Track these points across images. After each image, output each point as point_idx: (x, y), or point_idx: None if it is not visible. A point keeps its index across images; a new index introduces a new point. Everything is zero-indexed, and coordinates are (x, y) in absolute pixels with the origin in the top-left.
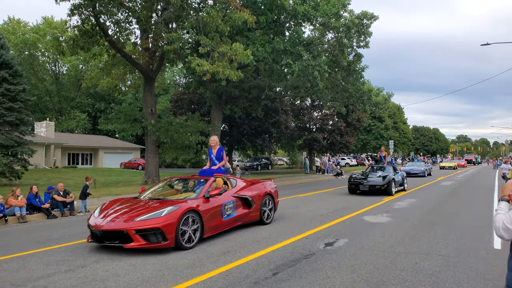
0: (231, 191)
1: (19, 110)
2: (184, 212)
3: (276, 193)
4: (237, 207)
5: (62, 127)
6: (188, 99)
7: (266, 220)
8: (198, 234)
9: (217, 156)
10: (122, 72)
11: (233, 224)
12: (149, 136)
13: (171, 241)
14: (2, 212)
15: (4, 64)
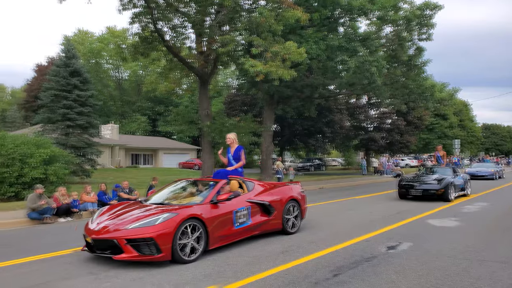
0: (246, 195)
1: (88, 114)
2: (183, 220)
3: (303, 199)
4: (253, 214)
5: (125, 129)
6: (241, 100)
7: (291, 229)
8: (202, 245)
9: (235, 156)
10: (179, 76)
11: (248, 234)
12: (205, 137)
13: (167, 253)
14: (77, 207)
15: (76, 72)
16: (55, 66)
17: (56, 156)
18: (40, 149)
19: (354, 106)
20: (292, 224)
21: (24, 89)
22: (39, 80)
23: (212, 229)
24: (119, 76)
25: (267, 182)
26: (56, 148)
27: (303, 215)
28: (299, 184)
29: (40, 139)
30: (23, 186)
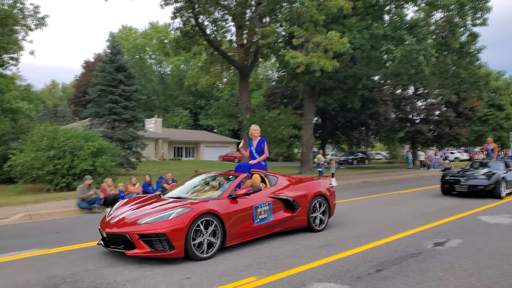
0: (268, 190)
1: (133, 108)
2: (198, 216)
3: (332, 194)
4: (276, 210)
5: (168, 123)
6: (281, 93)
7: (318, 226)
8: (218, 242)
9: (258, 149)
10: (219, 70)
11: (269, 231)
12: (245, 130)
13: (180, 250)
14: (123, 197)
15: (121, 68)
16: (101, 62)
17: (103, 148)
18: (89, 142)
19: (400, 97)
20: (319, 221)
21: (73, 85)
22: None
23: (229, 225)
24: (162, 70)
25: (293, 176)
26: (104, 141)
27: (332, 212)
28: (329, 179)
29: (88, 133)
30: (73, 177)
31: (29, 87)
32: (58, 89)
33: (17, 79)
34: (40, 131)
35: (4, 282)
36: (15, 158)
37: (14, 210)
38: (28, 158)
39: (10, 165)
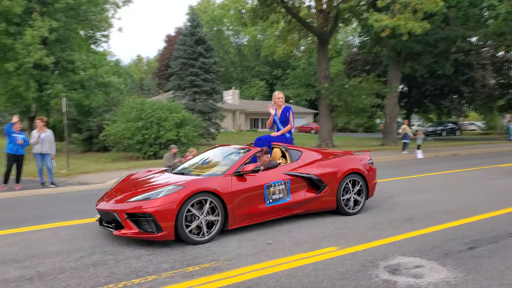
0: (285, 167)
1: (212, 80)
2: (191, 195)
3: (371, 172)
4: (294, 190)
5: (244, 94)
6: (362, 59)
7: (350, 209)
8: (218, 224)
9: (282, 119)
10: (297, 38)
11: (286, 213)
12: (323, 100)
13: (169, 232)
14: None
15: (200, 41)
16: (182, 36)
17: (186, 120)
18: (173, 113)
19: (501, 61)
20: (353, 203)
21: (157, 59)
22: (169, 50)
23: (233, 206)
24: (239, 42)
25: (326, 150)
26: (186, 113)
27: (371, 193)
28: (368, 154)
29: (172, 105)
30: (159, 146)
31: (118, 62)
32: (143, 63)
33: (107, 55)
34: (129, 103)
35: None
36: (109, 129)
37: (110, 176)
38: (120, 129)
39: (105, 135)
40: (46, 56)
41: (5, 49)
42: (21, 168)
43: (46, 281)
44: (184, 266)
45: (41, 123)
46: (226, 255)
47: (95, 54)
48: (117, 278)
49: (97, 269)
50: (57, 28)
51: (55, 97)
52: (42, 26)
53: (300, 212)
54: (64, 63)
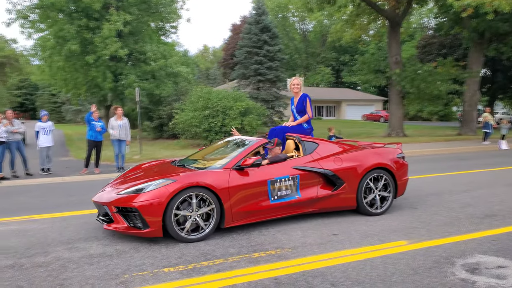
0: (296, 160)
1: (276, 68)
2: (181, 190)
3: (401, 168)
4: (305, 186)
5: (309, 81)
6: (439, 42)
7: (373, 209)
8: (212, 221)
9: (299, 108)
10: (366, 22)
11: (295, 211)
12: (393, 86)
13: (156, 229)
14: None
15: (265, 28)
16: (247, 24)
17: (250, 108)
18: (237, 102)
19: None
20: (379, 202)
21: (222, 48)
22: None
23: (232, 202)
24: (304, 28)
25: (349, 143)
26: (250, 101)
27: (400, 191)
28: (399, 147)
29: (237, 93)
30: (225, 134)
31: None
32: (209, 53)
33: (176, 46)
34: (196, 92)
35: None
36: (178, 117)
37: None
38: (188, 117)
39: (174, 123)
40: (121, 48)
41: (86, 42)
42: (99, 153)
43: (124, 259)
44: (250, 252)
45: (121, 111)
46: (291, 243)
47: (164, 45)
48: (187, 260)
49: (169, 251)
50: (130, 21)
51: (128, 87)
52: (117, 20)
53: (313, 211)
54: (136, 55)
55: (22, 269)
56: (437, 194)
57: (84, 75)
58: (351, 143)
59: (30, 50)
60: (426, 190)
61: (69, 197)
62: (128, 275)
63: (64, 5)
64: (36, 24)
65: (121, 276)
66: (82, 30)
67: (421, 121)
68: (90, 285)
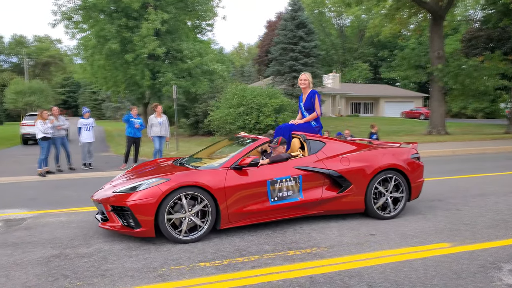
0: (299, 160)
1: (311, 64)
2: (174, 189)
3: (416, 169)
4: (308, 187)
5: (346, 78)
6: (486, 36)
7: (385, 212)
8: (208, 222)
9: (307, 105)
10: (406, 16)
11: (298, 213)
12: (435, 82)
13: (148, 228)
14: None
15: (301, 24)
16: (283, 20)
17: (284, 105)
18: (272, 99)
19: None
20: (392, 205)
21: (257, 45)
22: (269, 35)
23: (227, 203)
24: (341, 23)
25: (359, 142)
26: (285, 98)
27: (414, 194)
28: (414, 147)
29: (271, 90)
30: (259, 131)
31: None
32: (244, 50)
33: (211, 43)
34: (231, 90)
35: None
36: (213, 114)
37: None
38: (223, 114)
39: (209, 120)
40: (159, 47)
41: (125, 41)
42: (138, 149)
43: (161, 252)
44: (285, 250)
45: (160, 109)
46: (326, 242)
47: (200, 43)
48: (222, 255)
49: (204, 246)
50: (168, 20)
51: (165, 84)
52: (155, 19)
53: (317, 213)
54: (173, 53)
55: (67, 259)
56: (483, 195)
57: (123, 73)
58: (364, 142)
59: (73, 49)
60: (470, 191)
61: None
62: (165, 268)
63: (105, 6)
64: (79, 24)
65: (158, 269)
66: (121, 29)
67: (465, 118)
68: (129, 276)
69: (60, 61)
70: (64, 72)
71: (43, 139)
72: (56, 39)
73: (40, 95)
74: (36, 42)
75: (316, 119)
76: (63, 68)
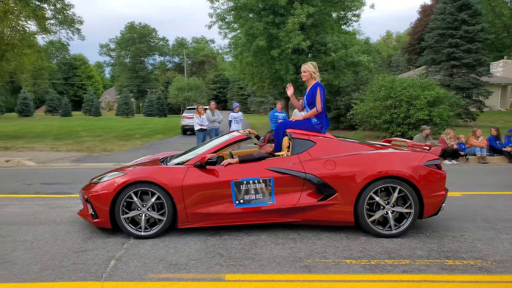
0: (275, 160)
1: (476, 51)
2: (127, 184)
3: (430, 178)
4: (282, 192)
5: None
6: None
7: (380, 228)
8: (165, 219)
9: (309, 100)
10: None
11: (268, 220)
12: None
13: (104, 220)
14: (464, 150)
15: (464, 6)
16: (441, 3)
17: (440, 98)
18: (425, 91)
19: None
20: (392, 221)
21: (408, 33)
22: (422, 21)
23: (185, 202)
24: None
25: (357, 142)
26: (441, 90)
27: (429, 210)
28: (435, 150)
29: (424, 81)
30: (408, 126)
31: (367, 40)
32: (392, 39)
33: (357, 34)
34: (378, 81)
35: None
36: (356, 108)
37: None
38: (367, 107)
39: (352, 114)
40: (303, 41)
41: (271, 38)
42: None
43: (307, 244)
44: (441, 258)
45: (281, 104)
46: (496, 256)
47: (345, 34)
48: (369, 255)
49: (350, 243)
50: (313, 13)
51: None
52: (301, 13)
53: (295, 221)
54: (317, 46)
55: (221, 240)
56: None
57: (268, 69)
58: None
59: (224, 48)
60: None
61: None
62: (311, 260)
63: (254, 4)
64: (231, 24)
65: (304, 260)
66: (268, 26)
67: None
68: (276, 263)
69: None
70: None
71: (200, 130)
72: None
73: (196, 91)
74: (194, 43)
75: (319, 116)
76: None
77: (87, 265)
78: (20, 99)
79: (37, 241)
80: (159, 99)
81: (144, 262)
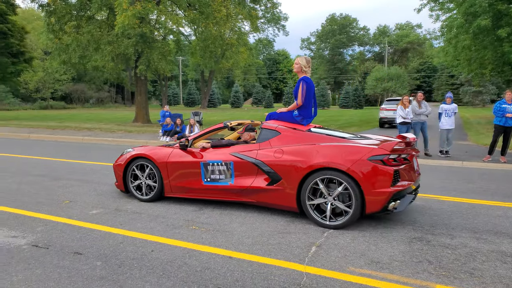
0: (238, 147)
1: None
2: (132, 158)
3: (373, 173)
4: (240, 175)
5: None
6: None
7: (320, 217)
8: (156, 187)
9: (295, 93)
10: None
11: (230, 197)
12: None
13: (120, 184)
14: None
15: None
16: None
17: None
18: None
19: None
20: (329, 212)
21: None
22: None
23: (169, 176)
24: None
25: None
26: None
27: (371, 206)
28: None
29: None
30: None
31: None
32: None
33: None
34: None
35: None
36: None
37: None
38: None
39: None
40: None
41: (499, 15)
42: (507, 140)
43: None
44: None
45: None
46: None
47: None
48: None
49: None
50: None
51: None
52: None
53: (250, 201)
54: None
55: (429, 245)
56: None
57: (493, 52)
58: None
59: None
60: None
61: (468, 183)
62: None
63: None
64: (445, 5)
65: None
66: (496, 1)
67: None
68: (505, 285)
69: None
70: (421, 57)
71: (402, 123)
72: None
73: (396, 81)
74: (397, 30)
75: (302, 110)
76: (420, 53)
77: (291, 247)
78: (233, 92)
79: (248, 217)
80: (356, 90)
81: (344, 253)
